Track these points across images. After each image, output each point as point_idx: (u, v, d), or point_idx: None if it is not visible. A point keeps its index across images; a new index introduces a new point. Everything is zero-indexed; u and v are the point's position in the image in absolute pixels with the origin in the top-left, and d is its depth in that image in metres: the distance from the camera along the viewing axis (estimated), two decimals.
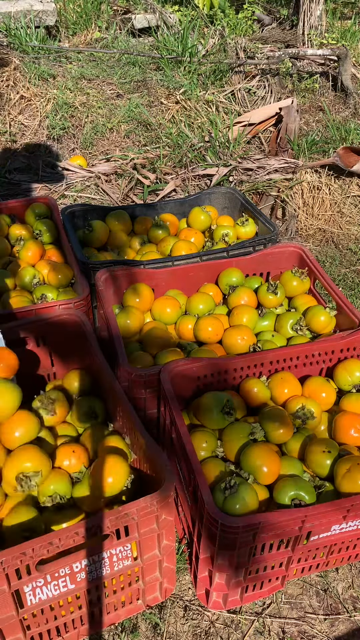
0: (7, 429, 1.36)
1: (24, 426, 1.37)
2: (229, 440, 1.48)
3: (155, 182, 3.17)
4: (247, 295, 1.98)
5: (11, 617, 1.17)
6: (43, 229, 2.21)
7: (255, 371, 1.68)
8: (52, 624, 1.26)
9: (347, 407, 1.64)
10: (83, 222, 2.35)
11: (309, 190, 3.20)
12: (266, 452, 1.40)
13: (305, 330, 1.90)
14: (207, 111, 3.65)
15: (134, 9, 4.92)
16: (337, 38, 4.55)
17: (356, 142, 3.53)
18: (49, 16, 4.26)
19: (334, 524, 1.29)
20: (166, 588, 1.40)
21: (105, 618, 1.35)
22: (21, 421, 1.37)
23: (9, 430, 1.36)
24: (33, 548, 1.09)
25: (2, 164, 3.17)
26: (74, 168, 3.17)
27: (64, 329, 1.73)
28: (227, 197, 2.57)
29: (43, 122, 3.44)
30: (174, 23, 4.55)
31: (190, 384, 1.61)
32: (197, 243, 2.26)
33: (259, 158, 3.38)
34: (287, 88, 4.06)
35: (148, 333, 1.85)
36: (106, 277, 1.90)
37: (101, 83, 3.77)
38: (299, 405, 1.59)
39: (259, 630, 1.42)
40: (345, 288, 2.74)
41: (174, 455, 1.56)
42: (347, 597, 1.50)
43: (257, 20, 5.16)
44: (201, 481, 1.27)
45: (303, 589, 1.51)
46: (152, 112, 3.59)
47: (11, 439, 1.36)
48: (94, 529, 1.14)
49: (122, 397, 1.46)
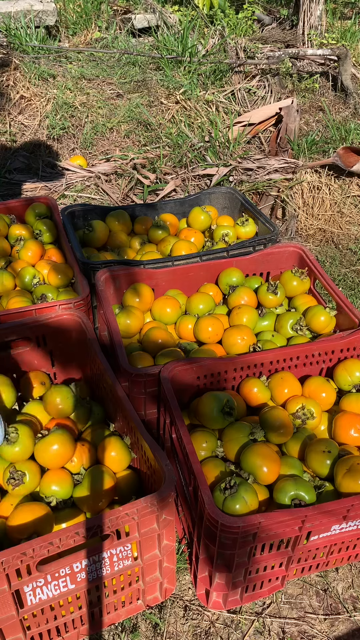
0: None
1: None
2: (229, 440, 1.48)
3: (155, 182, 3.17)
4: (247, 295, 1.98)
5: (11, 617, 1.17)
6: (43, 229, 2.21)
7: (255, 371, 1.68)
8: (52, 624, 1.26)
9: (347, 407, 1.64)
10: (83, 222, 2.35)
11: (309, 190, 3.20)
12: (266, 452, 1.40)
13: (305, 330, 1.90)
14: (207, 111, 3.65)
15: (134, 8, 4.92)
16: (337, 38, 4.55)
17: (356, 142, 3.53)
18: (49, 16, 4.27)
19: (334, 524, 1.29)
20: (166, 588, 1.40)
21: (106, 618, 1.36)
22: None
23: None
24: (33, 548, 1.09)
25: (2, 164, 3.17)
26: (74, 168, 3.17)
27: (64, 329, 1.73)
28: (227, 197, 2.57)
29: (43, 122, 3.44)
30: (174, 23, 4.55)
31: (190, 384, 1.61)
32: (197, 243, 2.26)
33: (259, 158, 3.38)
34: (287, 88, 4.06)
35: (148, 333, 1.85)
36: (106, 277, 1.90)
37: (101, 83, 3.77)
38: (299, 405, 1.59)
39: (259, 630, 1.42)
40: (345, 288, 2.74)
41: (174, 455, 1.56)
42: (347, 597, 1.50)
43: (257, 20, 5.15)
44: (201, 481, 1.27)
45: (303, 589, 1.51)
46: (152, 112, 3.59)
47: None
48: (94, 529, 1.14)
49: (122, 397, 1.46)
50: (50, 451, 1.39)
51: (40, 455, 1.40)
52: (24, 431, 1.40)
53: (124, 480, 1.43)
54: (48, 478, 1.40)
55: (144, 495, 1.18)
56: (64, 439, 1.41)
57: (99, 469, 1.41)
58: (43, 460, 1.40)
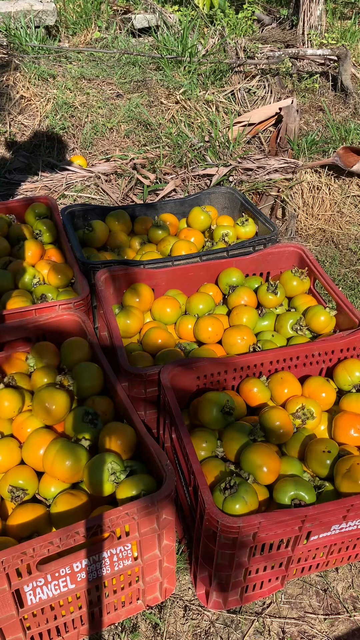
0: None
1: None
2: (229, 440, 1.48)
3: (155, 182, 3.17)
4: (247, 295, 1.98)
5: (11, 617, 1.17)
6: (43, 229, 2.21)
7: (255, 371, 1.68)
8: (52, 624, 1.26)
9: (347, 407, 1.64)
10: (83, 222, 2.35)
11: (309, 190, 3.20)
12: (266, 452, 1.40)
13: (305, 330, 1.90)
14: (207, 111, 3.65)
15: (134, 8, 4.92)
16: (337, 38, 4.55)
17: (356, 142, 3.53)
18: (48, 16, 4.27)
19: (334, 524, 1.29)
20: (166, 588, 1.40)
21: (105, 618, 1.36)
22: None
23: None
24: (33, 548, 1.09)
25: (2, 164, 3.17)
26: (73, 168, 3.17)
27: (63, 330, 1.73)
28: (227, 197, 2.57)
29: (43, 122, 3.44)
30: (174, 23, 4.55)
31: (190, 384, 1.61)
32: (197, 243, 2.26)
33: (258, 158, 3.38)
34: (287, 88, 4.06)
35: (148, 333, 1.85)
36: (106, 277, 1.90)
37: (101, 83, 3.77)
38: (299, 405, 1.59)
39: (258, 630, 1.42)
40: (345, 288, 2.74)
41: (174, 455, 1.56)
42: (347, 597, 1.50)
43: (257, 20, 5.16)
44: (201, 481, 1.27)
45: (303, 589, 1.51)
46: (152, 112, 3.59)
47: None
48: (94, 528, 1.14)
49: (123, 397, 1.46)
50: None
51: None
52: None
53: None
54: (46, 480, 1.40)
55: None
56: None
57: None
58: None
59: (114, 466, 1.28)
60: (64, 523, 1.23)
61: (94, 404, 1.51)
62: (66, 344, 1.67)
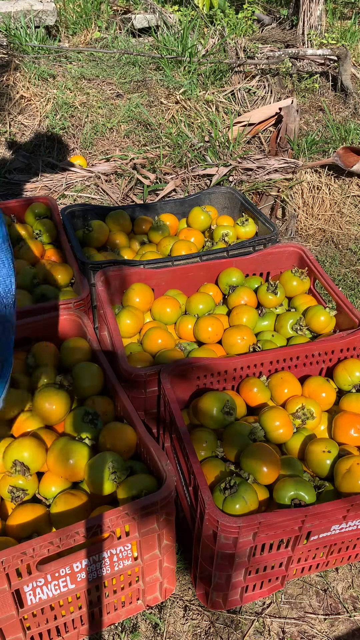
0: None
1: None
2: (229, 440, 1.48)
3: (155, 182, 3.17)
4: (247, 295, 1.98)
5: (11, 617, 1.17)
6: (43, 229, 2.21)
7: (255, 371, 1.68)
8: (52, 624, 1.26)
9: (347, 407, 1.64)
10: (83, 222, 2.34)
11: (309, 190, 3.20)
12: (266, 452, 1.40)
13: (305, 330, 1.90)
14: (207, 111, 3.65)
15: (134, 8, 4.92)
16: (337, 38, 4.55)
17: (356, 142, 3.53)
18: (48, 16, 4.27)
19: (334, 524, 1.29)
20: (166, 588, 1.40)
21: (105, 618, 1.36)
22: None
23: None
24: (33, 548, 1.09)
25: (2, 164, 3.17)
26: (73, 168, 3.17)
27: (63, 329, 1.73)
28: (227, 197, 2.57)
29: (43, 122, 3.44)
30: (174, 23, 4.55)
31: (190, 384, 1.61)
32: (197, 243, 2.26)
33: (258, 158, 3.38)
34: (287, 88, 4.06)
35: (148, 333, 1.85)
36: (106, 277, 1.90)
37: (101, 83, 3.77)
38: (299, 405, 1.59)
39: (258, 630, 1.42)
40: (345, 288, 2.74)
41: (174, 455, 1.56)
42: (347, 597, 1.50)
43: (257, 20, 5.16)
44: (201, 481, 1.27)
45: (303, 589, 1.51)
46: (152, 112, 3.59)
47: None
48: (94, 528, 1.14)
49: (123, 397, 1.46)
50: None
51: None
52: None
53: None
54: (47, 480, 1.40)
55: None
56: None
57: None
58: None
59: (115, 465, 1.28)
60: (64, 523, 1.23)
61: (94, 404, 1.51)
62: (66, 344, 1.67)
